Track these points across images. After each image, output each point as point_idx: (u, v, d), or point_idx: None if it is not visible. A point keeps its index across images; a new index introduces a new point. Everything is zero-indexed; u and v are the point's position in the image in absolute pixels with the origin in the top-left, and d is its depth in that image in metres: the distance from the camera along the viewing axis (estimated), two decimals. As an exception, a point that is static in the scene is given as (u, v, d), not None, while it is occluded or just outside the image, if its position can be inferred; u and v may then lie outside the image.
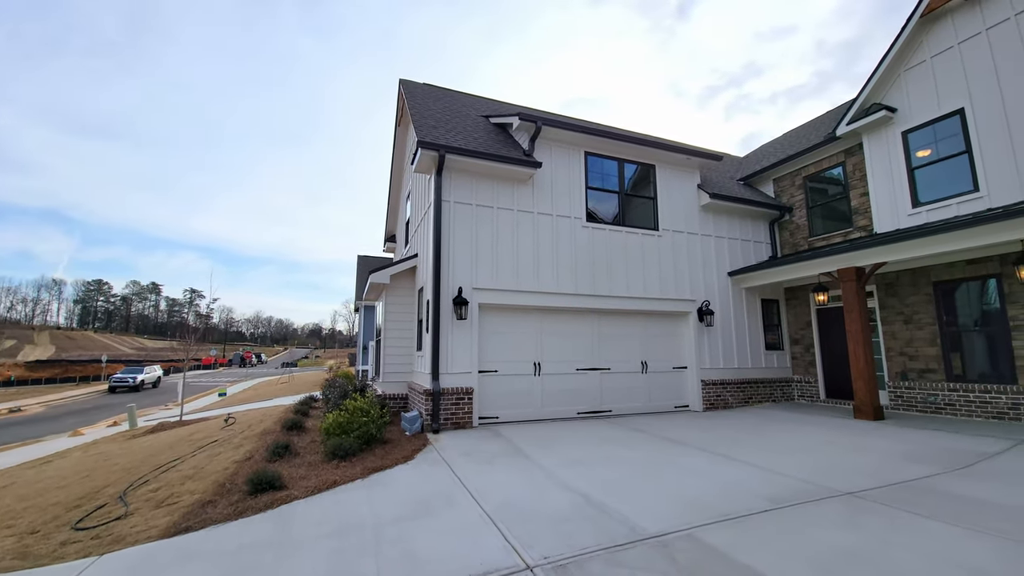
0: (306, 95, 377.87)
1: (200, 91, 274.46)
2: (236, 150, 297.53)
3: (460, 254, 7.89)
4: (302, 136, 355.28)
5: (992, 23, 7.59)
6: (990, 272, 7.57)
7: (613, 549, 3.03)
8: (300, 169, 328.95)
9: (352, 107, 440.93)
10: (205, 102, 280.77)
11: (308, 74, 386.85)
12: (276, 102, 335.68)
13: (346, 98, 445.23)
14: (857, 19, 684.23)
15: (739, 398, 9.99)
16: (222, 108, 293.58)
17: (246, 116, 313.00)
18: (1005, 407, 7.27)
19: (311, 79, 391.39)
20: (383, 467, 5.32)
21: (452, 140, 8.17)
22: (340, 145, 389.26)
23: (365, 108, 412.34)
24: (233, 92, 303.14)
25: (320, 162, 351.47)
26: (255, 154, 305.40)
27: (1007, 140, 7.35)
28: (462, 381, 7.55)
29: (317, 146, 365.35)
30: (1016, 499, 3.83)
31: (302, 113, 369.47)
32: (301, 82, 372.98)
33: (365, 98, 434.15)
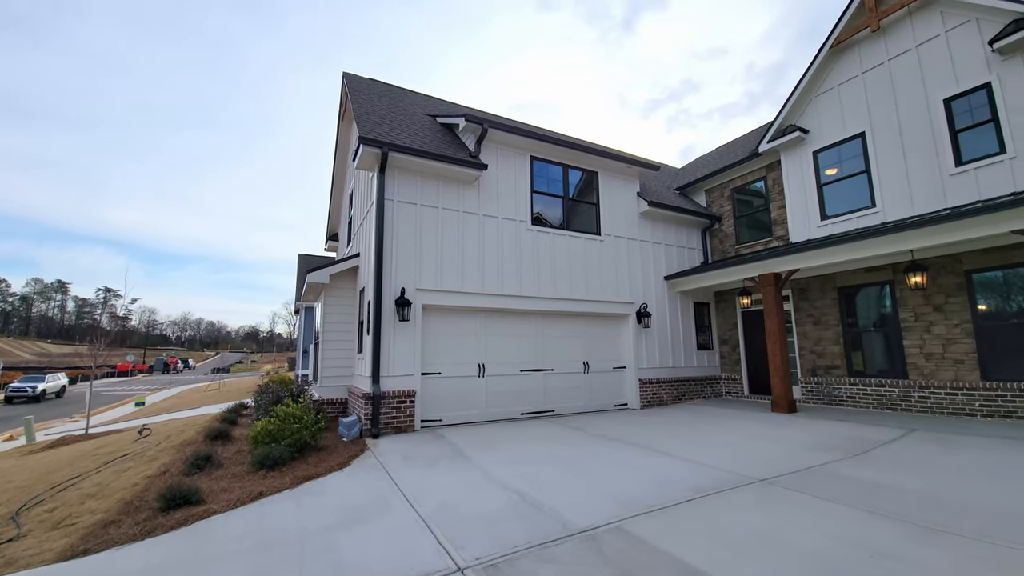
0: (240, 81, 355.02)
1: (124, 71, 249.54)
2: (164, 136, 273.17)
3: (403, 254, 7.74)
4: (238, 126, 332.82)
5: (894, 54, 8.57)
6: (885, 279, 8.53)
7: (544, 545, 3.09)
8: (236, 161, 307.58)
9: (294, 98, 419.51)
10: (129, 83, 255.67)
11: (245, 60, 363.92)
12: (208, 87, 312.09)
13: (288, 88, 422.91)
14: (782, 44, 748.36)
15: (673, 396, 10.54)
16: (149, 90, 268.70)
17: (174, 100, 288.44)
18: (897, 399, 8.21)
19: (248, 65, 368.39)
20: (315, 475, 5.09)
21: (396, 138, 8.00)
22: (282, 138, 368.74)
23: (308, 100, 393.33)
24: (158, 73, 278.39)
25: (260, 154, 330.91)
26: (186, 142, 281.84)
27: (901, 161, 8.33)
28: (404, 384, 7.39)
29: (256, 137, 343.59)
30: (907, 482, 4.33)
31: (240, 102, 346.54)
32: (236, 68, 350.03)
33: (309, 90, 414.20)
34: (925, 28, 8.11)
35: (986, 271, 7.35)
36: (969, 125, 7.51)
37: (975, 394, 7.26)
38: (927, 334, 7.88)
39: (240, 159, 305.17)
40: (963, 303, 7.50)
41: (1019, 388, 6.84)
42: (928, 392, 7.79)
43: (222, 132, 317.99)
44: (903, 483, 4.26)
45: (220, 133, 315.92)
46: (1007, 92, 7.10)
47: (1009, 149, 7.04)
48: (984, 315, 7.35)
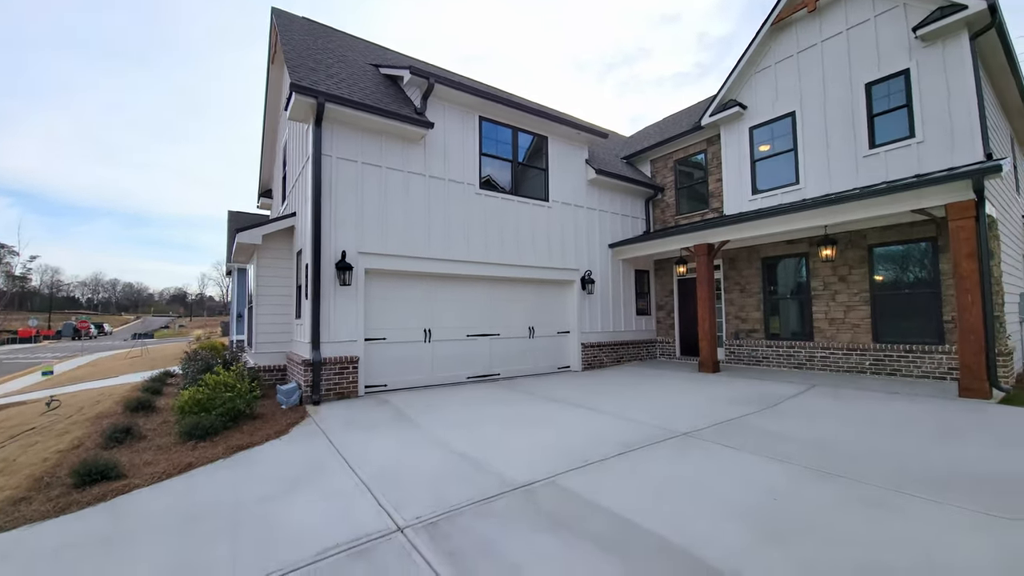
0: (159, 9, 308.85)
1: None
2: (53, 66, 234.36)
3: (344, 215, 7.36)
4: (150, 57, 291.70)
5: (827, 36, 8.98)
6: (801, 251, 9.32)
7: (483, 502, 3.24)
8: (149, 99, 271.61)
9: (221, 27, 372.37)
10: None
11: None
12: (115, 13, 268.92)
13: (209, 14, 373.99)
14: (733, 15, 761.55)
15: (612, 358, 11.13)
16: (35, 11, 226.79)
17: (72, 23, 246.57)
18: (804, 358, 9.19)
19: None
20: (251, 444, 4.93)
21: (334, 88, 7.41)
22: (205, 74, 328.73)
23: (240, 32, 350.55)
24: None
25: (178, 93, 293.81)
26: (81, 73, 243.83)
27: (823, 142, 8.94)
28: (346, 350, 7.23)
29: (172, 72, 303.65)
30: (804, 431, 4.92)
31: (145, 29, 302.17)
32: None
33: (232, 19, 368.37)
34: (857, 11, 8.55)
35: (886, 246, 8.23)
36: (885, 110, 8.15)
37: (867, 354, 8.29)
38: (832, 301, 8.80)
39: (149, 94, 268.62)
40: (864, 274, 8.40)
41: (903, 349, 7.87)
42: (829, 352, 8.78)
43: (124, 63, 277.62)
44: (802, 432, 4.84)
45: (122, 64, 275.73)
46: (923, 78, 7.71)
47: (918, 134, 7.74)
48: (879, 285, 8.29)
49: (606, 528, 2.83)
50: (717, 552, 2.53)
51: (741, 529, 2.79)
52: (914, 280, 7.93)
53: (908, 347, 7.80)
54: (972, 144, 7.12)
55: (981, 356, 5.99)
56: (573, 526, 2.86)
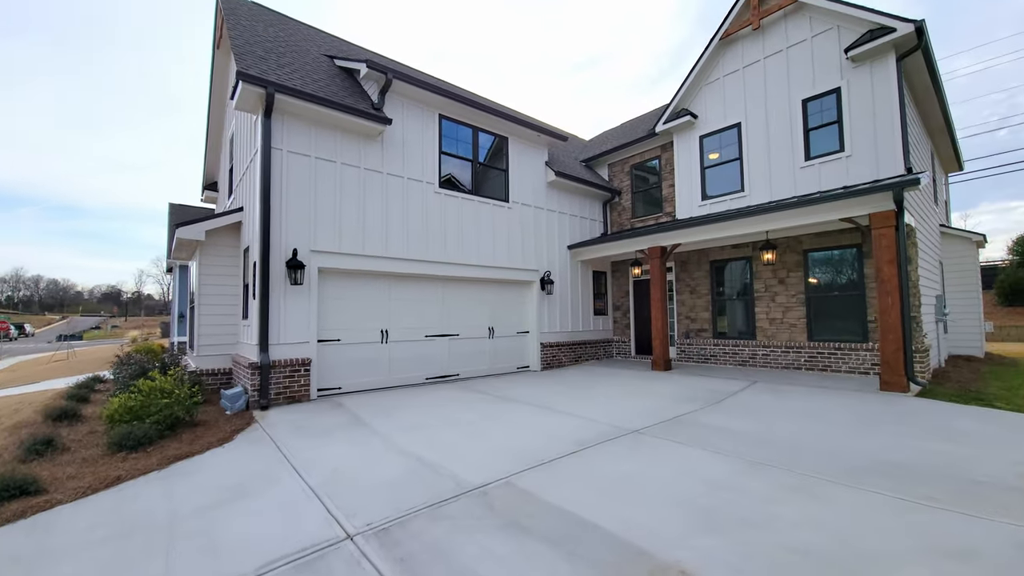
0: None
1: None
2: None
3: (295, 212, 7.08)
4: (69, 32, 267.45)
5: (769, 53, 9.56)
6: (746, 255, 9.89)
7: (438, 505, 3.23)
8: (77, 81, 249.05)
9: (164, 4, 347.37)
10: None
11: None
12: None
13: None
14: (687, 26, 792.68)
15: (571, 358, 11.35)
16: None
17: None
18: (747, 356, 9.74)
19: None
20: (190, 454, 4.66)
21: (286, 78, 7.11)
22: (144, 56, 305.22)
23: (183, 10, 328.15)
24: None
25: (112, 74, 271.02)
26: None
27: (766, 152, 9.51)
28: (298, 352, 6.96)
29: (106, 52, 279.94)
30: (745, 425, 5.23)
31: (89, 8, 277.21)
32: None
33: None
34: (796, 31, 9.15)
35: (819, 251, 8.87)
36: (819, 125, 8.78)
37: (803, 351, 8.91)
38: (772, 302, 9.39)
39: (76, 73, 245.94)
40: (800, 277, 9.02)
41: (833, 347, 8.52)
42: (769, 350, 9.37)
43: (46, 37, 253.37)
44: (742, 426, 5.15)
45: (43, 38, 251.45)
46: (852, 97, 8.36)
47: (847, 148, 8.39)
48: (813, 288, 8.93)
49: (558, 526, 2.90)
50: (661, 543, 2.65)
51: (684, 520, 2.94)
52: (843, 283, 8.61)
53: (837, 345, 8.45)
54: (894, 159, 7.80)
55: (900, 353, 6.59)
56: (526, 526, 2.91)
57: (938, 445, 4.31)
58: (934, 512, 2.96)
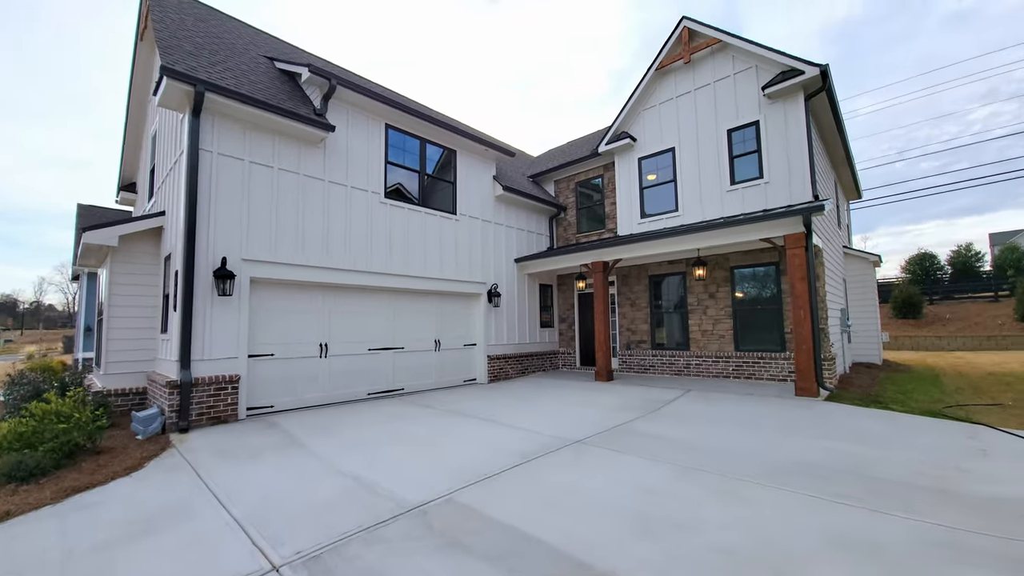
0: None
1: None
2: None
3: (226, 218, 6.63)
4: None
5: (699, 85, 10.35)
6: (681, 271, 10.52)
7: (375, 527, 3.10)
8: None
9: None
10: None
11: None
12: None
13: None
14: (630, 51, 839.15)
15: (518, 369, 11.41)
16: None
17: None
18: (682, 366, 10.29)
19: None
20: (91, 484, 4.16)
21: (218, 77, 6.70)
22: (50, 40, 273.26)
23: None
24: None
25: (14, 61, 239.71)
26: None
27: (697, 176, 10.23)
28: (225, 368, 6.46)
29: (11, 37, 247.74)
30: (680, 433, 5.50)
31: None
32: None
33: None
34: (721, 68, 10.01)
35: (744, 268, 9.63)
36: (742, 153, 9.60)
37: (731, 361, 9.56)
38: (704, 315, 10.04)
39: None
40: (728, 292, 9.73)
41: (757, 356, 9.22)
42: (702, 360, 9.97)
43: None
44: (677, 434, 5.41)
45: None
46: (769, 130, 9.24)
47: (766, 176, 9.23)
48: (739, 301, 9.66)
49: (499, 542, 2.88)
50: (599, 553, 2.71)
51: (621, 528, 3.02)
52: (764, 298, 9.38)
53: (760, 355, 9.16)
54: (804, 186, 8.69)
55: (811, 362, 7.26)
56: (467, 544, 2.86)
57: (845, 446, 4.77)
58: (842, 509, 3.27)
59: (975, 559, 2.53)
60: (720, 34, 9.79)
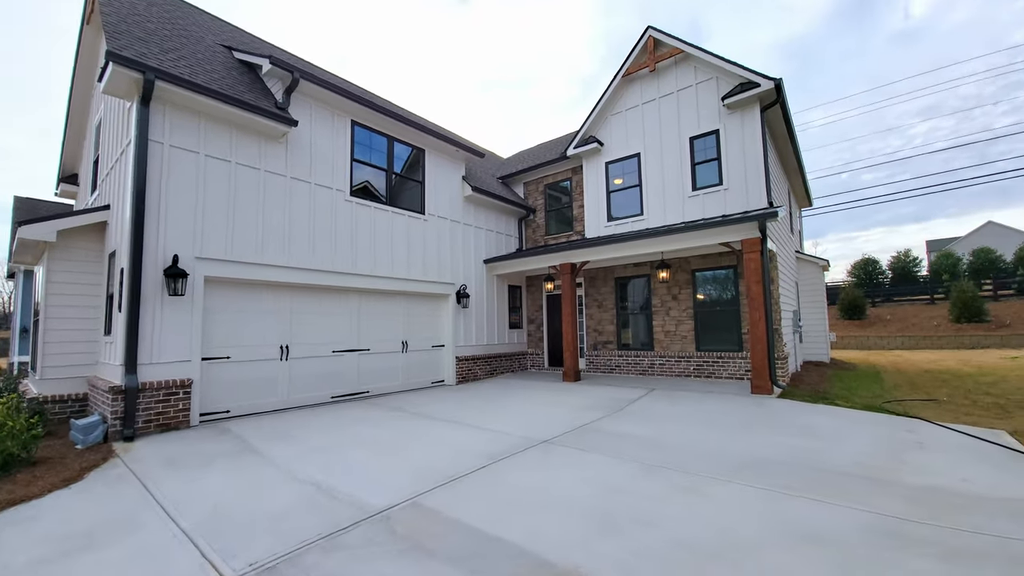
0: None
1: None
2: None
3: (178, 214, 6.30)
4: None
5: (664, 93, 10.66)
6: (645, 273, 10.79)
7: (334, 534, 3.01)
8: None
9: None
10: None
11: None
12: None
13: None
14: (598, 55, 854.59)
15: (486, 371, 11.38)
16: None
17: None
18: (646, 366, 10.56)
19: None
20: (27, 497, 3.86)
21: (170, 64, 6.36)
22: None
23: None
24: None
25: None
26: None
27: (661, 181, 10.53)
28: (176, 372, 6.12)
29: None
30: (644, 431, 5.62)
31: None
32: None
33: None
34: (684, 77, 10.36)
35: (704, 271, 9.98)
36: (703, 160, 9.97)
37: (692, 360, 9.88)
38: (667, 316, 10.34)
39: None
40: (689, 294, 10.06)
41: (716, 356, 9.57)
42: (664, 359, 10.26)
43: None
44: (641, 432, 5.54)
45: None
46: (728, 139, 9.63)
47: (725, 182, 9.61)
48: (700, 303, 10.00)
49: (464, 544, 2.86)
50: (563, 551, 2.74)
51: (586, 526, 3.06)
52: (724, 299, 9.76)
53: (719, 354, 9.52)
54: (760, 194, 9.10)
55: (765, 361, 7.60)
56: (430, 548, 2.83)
57: (796, 440, 5.02)
58: (791, 500, 3.43)
59: (916, 547, 2.71)
60: (683, 45, 10.13)
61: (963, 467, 4.08)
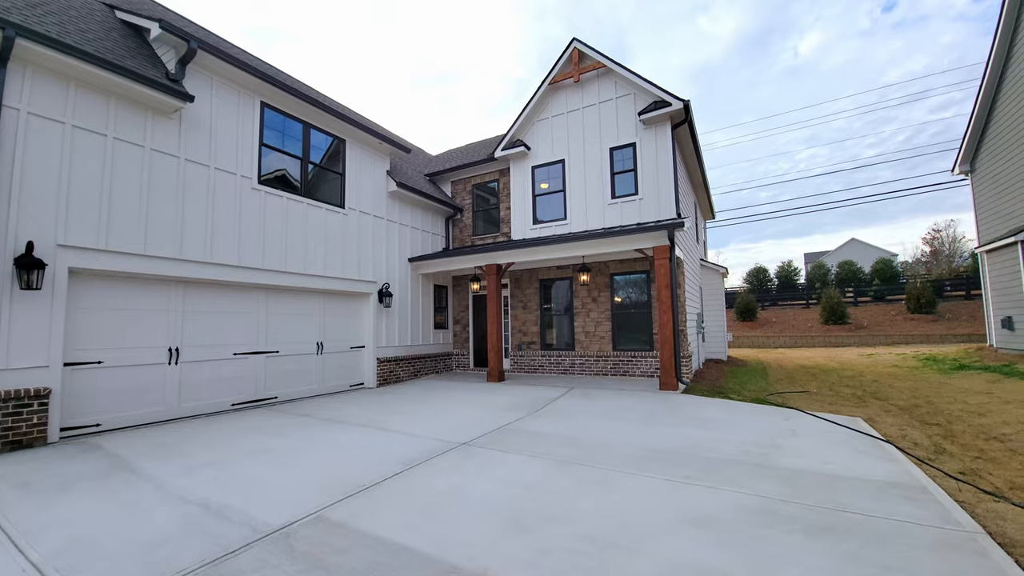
0: None
1: None
2: None
3: (35, 193, 5.34)
4: None
5: (587, 104, 11.11)
6: (568, 276, 11.18)
7: (222, 559, 2.71)
8: None
9: None
10: None
11: None
12: None
13: None
14: (530, 59, 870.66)
15: (409, 372, 11.06)
16: None
17: None
18: (568, 365, 10.93)
19: None
20: None
21: (34, 20, 5.37)
22: None
23: None
24: None
25: None
26: None
27: (583, 187, 10.97)
28: (29, 379, 5.18)
29: None
30: (560, 428, 5.79)
31: None
32: None
33: None
34: (605, 91, 10.89)
35: (621, 275, 10.57)
36: (622, 170, 10.55)
37: (609, 359, 10.41)
38: (587, 318, 10.80)
39: None
40: (608, 296, 10.60)
41: (631, 355, 10.17)
42: (584, 359, 10.71)
43: None
44: (558, 429, 5.71)
45: None
46: (643, 152, 10.28)
47: (640, 192, 10.25)
48: (617, 305, 10.58)
49: (368, 557, 2.72)
50: (472, 554, 2.72)
51: (498, 527, 3.07)
52: (638, 302, 10.41)
53: (633, 353, 10.14)
54: (670, 205, 9.84)
55: (672, 359, 8.22)
56: (331, 564, 2.65)
57: (693, 431, 5.47)
58: (688, 488, 3.73)
59: (787, 525, 3.06)
60: (606, 60, 10.64)
61: (826, 451, 4.71)
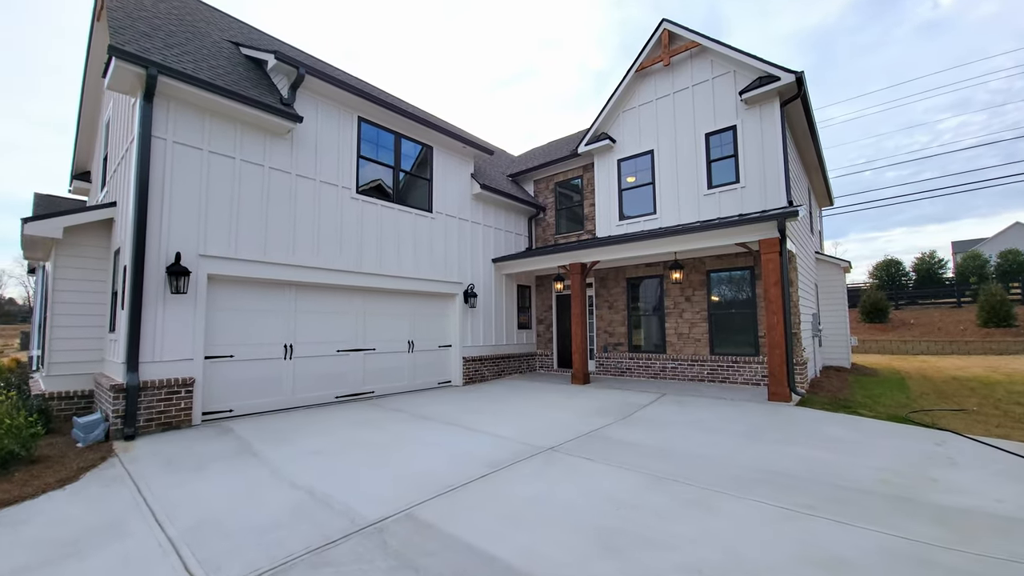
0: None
1: None
2: None
3: (181, 211, 6.25)
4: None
5: (678, 88, 10.35)
6: (658, 273, 10.49)
7: (323, 548, 2.86)
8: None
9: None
10: None
11: None
12: None
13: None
14: (611, 48, 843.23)
15: (494, 372, 11.22)
16: None
17: None
18: (658, 369, 10.27)
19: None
20: (21, 498, 3.81)
21: (175, 60, 6.30)
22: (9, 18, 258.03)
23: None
24: None
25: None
26: None
27: (675, 178, 10.22)
28: (178, 370, 6.08)
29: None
30: (652, 439, 5.40)
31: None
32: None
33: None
34: (700, 72, 10.02)
35: (719, 272, 9.66)
36: (719, 157, 9.63)
37: (706, 364, 9.58)
38: (680, 318, 10.03)
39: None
40: (704, 295, 9.75)
41: (731, 360, 9.26)
42: (677, 363, 9.97)
43: None
44: (649, 440, 5.31)
45: None
46: (746, 134, 9.28)
47: (742, 180, 9.27)
48: (714, 305, 9.68)
49: (456, 562, 2.69)
50: (559, 573, 2.55)
51: (585, 544, 2.87)
52: (739, 301, 9.43)
53: (735, 358, 9.20)
54: (779, 192, 8.75)
55: (783, 366, 7.28)
56: (421, 566, 2.66)
57: (815, 453, 4.74)
58: (810, 520, 3.19)
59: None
60: (699, 38, 9.80)
61: (997, 486, 3.78)
